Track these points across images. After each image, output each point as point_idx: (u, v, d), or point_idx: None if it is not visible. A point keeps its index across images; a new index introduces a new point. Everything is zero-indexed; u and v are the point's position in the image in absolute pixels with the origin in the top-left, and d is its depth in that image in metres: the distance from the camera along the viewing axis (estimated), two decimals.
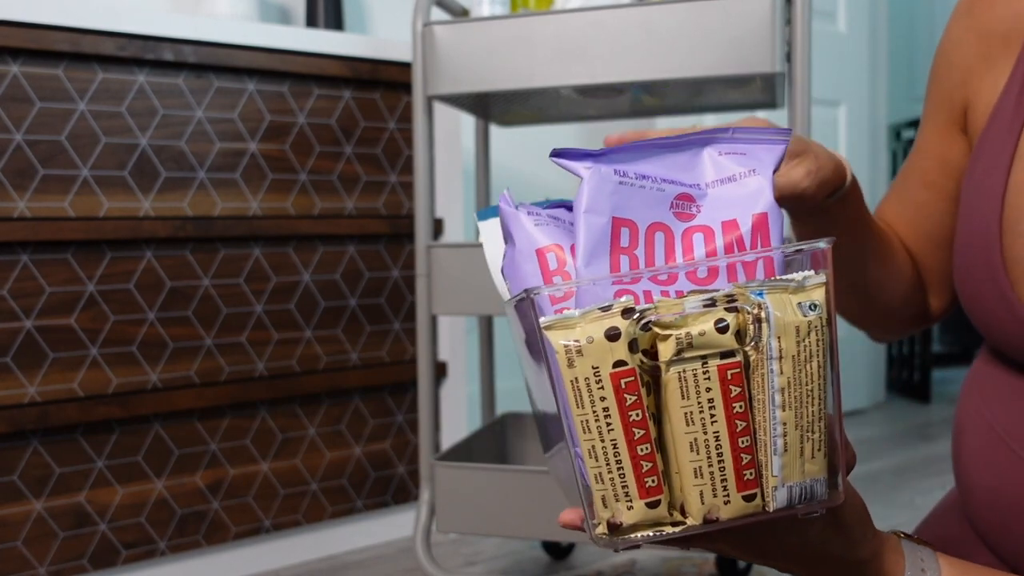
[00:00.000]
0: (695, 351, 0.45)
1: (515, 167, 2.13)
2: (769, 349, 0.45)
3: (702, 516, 0.47)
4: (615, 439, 0.45)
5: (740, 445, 0.46)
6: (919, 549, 0.58)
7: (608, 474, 0.46)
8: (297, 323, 1.52)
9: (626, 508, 0.46)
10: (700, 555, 1.51)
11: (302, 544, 1.57)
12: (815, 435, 0.47)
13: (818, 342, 0.46)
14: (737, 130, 0.56)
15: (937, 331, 3.56)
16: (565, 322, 0.45)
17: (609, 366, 0.45)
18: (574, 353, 0.45)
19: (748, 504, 0.46)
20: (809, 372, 0.46)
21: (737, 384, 0.45)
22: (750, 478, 0.46)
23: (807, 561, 0.55)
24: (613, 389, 0.45)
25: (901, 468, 2.16)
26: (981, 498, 0.66)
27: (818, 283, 0.47)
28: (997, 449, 0.63)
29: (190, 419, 1.43)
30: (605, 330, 0.45)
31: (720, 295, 0.46)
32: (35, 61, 1.28)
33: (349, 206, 1.57)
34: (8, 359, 1.27)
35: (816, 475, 0.47)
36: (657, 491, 0.46)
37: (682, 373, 0.45)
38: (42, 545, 1.31)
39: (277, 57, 1.46)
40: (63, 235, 1.29)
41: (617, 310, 0.45)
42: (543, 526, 1.15)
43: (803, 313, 0.46)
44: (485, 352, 1.57)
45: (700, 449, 0.46)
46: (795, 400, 0.46)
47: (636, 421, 0.45)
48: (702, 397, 0.45)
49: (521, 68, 1.15)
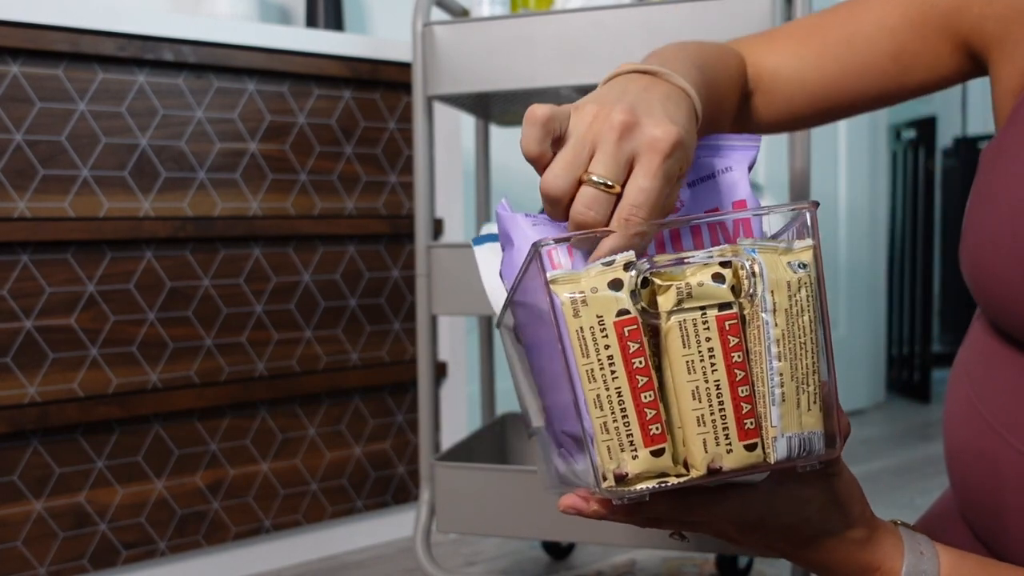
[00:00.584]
0: (694, 301, 0.47)
1: (515, 167, 2.13)
2: (764, 302, 0.47)
3: (706, 465, 0.48)
4: (619, 387, 0.47)
5: (740, 394, 0.48)
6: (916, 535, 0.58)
7: (614, 422, 0.47)
8: (297, 323, 1.53)
9: (631, 457, 0.48)
10: (700, 555, 1.51)
11: (302, 544, 1.57)
12: (810, 387, 0.49)
13: (808, 298, 0.48)
14: (711, 137, 0.61)
15: (937, 331, 3.56)
16: (570, 276, 0.48)
17: (613, 315, 0.47)
18: (579, 304, 0.47)
19: (750, 454, 0.48)
20: (801, 325, 0.48)
21: (735, 335, 0.47)
22: (751, 427, 0.48)
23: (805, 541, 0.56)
24: (617, 337, 0.47)
25: (901, 468, 2.16)
26: (973, 492, 0.66)
27: (805, 246, 0.49)
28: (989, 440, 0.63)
29: (190, 419, 1.43)
30: (608, 281, 0.47)
31: (716, 251, 0.48)
32: (35, 61, 1.28)
33: (349, 206, 1.57)
34: (8, 359, 1.27)
35: (813, 428, 0.49)
36: (661, 439, 0.48)
37: (683, 322, 0.47)
38: (42, 545, 1.31)
39: (277, 57, 1.46)
40: (63, 235, 1.29)
41: (620, 263, 0.47)
42: (543, 526, 1.15)
43: (793, 270, 0.48)
44: (485, 352, 1.57)
45: (702, 397, 0.47)
46: (790, 352, 0.48)
47: (639, 368, 0.47)
48: (702, 346, 0.47)
49: (521, 68, 1.15)
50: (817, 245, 0.49)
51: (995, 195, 0.62)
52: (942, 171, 3.36)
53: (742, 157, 0.61)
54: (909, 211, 3.02)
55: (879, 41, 0.70)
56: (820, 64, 0.72)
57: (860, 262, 2.80)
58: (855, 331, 2.81)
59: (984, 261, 0.62)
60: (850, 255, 2.77)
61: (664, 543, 1.11)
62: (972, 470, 0.66)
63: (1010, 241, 0.59)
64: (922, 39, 0.68)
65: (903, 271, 3.05)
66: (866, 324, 2.84)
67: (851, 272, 2.78)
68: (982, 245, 0.62)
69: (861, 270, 2.81)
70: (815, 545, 0.56)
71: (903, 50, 0.69)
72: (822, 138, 2.67)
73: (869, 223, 2.82)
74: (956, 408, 0.68)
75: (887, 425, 2.65)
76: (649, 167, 0.51)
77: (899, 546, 0.57)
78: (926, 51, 0.69)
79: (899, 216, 3.09)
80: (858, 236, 2.79)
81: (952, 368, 0.71)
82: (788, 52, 0.74)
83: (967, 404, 0.66)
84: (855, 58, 0.71)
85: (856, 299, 2.80)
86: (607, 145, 0.51)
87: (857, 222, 2.78)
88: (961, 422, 0.67)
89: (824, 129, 2.68)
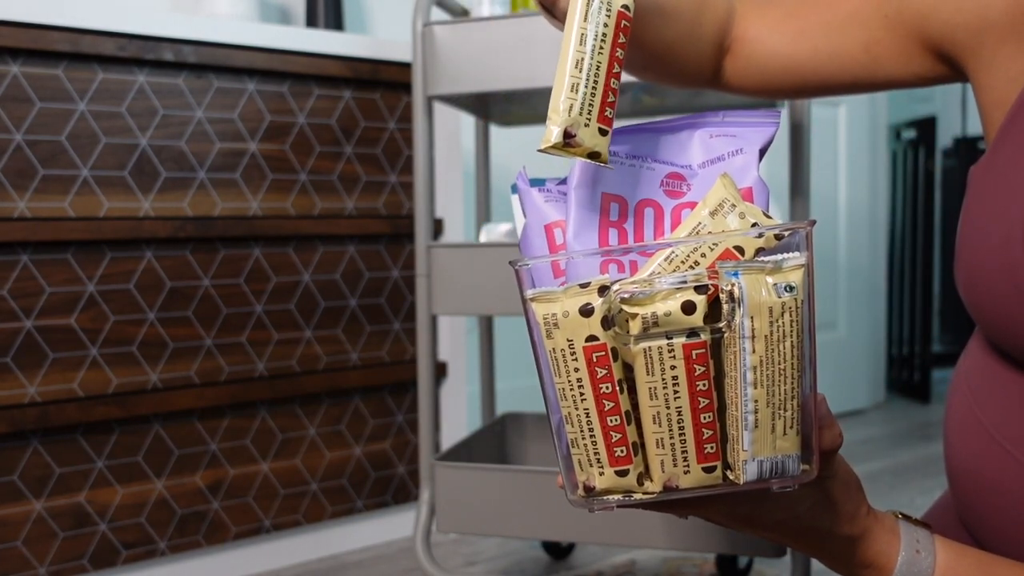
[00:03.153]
0: (660, 328, 0.47)
1: (515, 167, 2.13)
2: (742, 328, 0.47)
3: (662, 484, 0.49)
4: (587, 408, 0.48)
5: (702, 420, 0.48)
6: (916, 530, 0.58)
7: (583, 440, 0.49)
8: (297, 323, 1.53)
9: (598, 474, 0.49)
10: (700, 555, 1.51)
11: (302, 544, 1.57)
12: (787, 413, 0.48)
13: (792, 323, 0.47)
14: (728, 114, 0.59)
15: (937, 331, 3.56)
16: (548, 295, 0.48)
17: (583, 340, 0.47)
18: (552, 326, 0.48)
19: (708, 475, 0.49)
20: (782, 352, 0.48)
21: (702, 363, 0.47)
22: (711, 451, 0.48)
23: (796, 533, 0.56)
24: (586, 362, 0.48)
25: (901, 468, 2.16)
26: (975, 501, 0.66)
27: (796, 264, 0.48)
28: (991, 450, 0.63)
29: (190, 419, 1.43)
30: (580, 306, 0.47)
31: (691, 275, 0.48)
32: (35, 61, 1.28)
33: (349, 206, 1.57)
34: (8, 359, 1.27)
35: (788, 451, 0.49)
36: (626, 461, 0.49)
37: (648, 350, 0.47)
38: (42, 545, 1.31)
39: (277, 57, 1.46)
40: (63, 235, 1.29)
41: (594, 287, 0.48)
42: (543, 526, 1.15)
43: (777, 294, 0.47)
44: (485, 352, 1.57)
45: (662, 422, 0.48)
46: (767, 379, 0.48)
47: (606, 393, 0.48)
48: (667, 374, 0.47)
49: (521, 68, 1.15)
50: (810, 264, 0.48)
51: (986, 219, 0.61)
52: (942, 171, 3.36)
53: (756, 136, 0.58)
54: (909, 211, 3.02)
55: (852, 29, 0.69)
56: (796, 41, 0.72)
57: (860, 262, 2.80)
58: (855, 331, 2.80)
59: (979, 285, 0.62)
60: (850, 255, 2.77)
61: (664, 543, 1.11)
62: (974, 480, 0.65)
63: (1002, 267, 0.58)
64: (892, 35, 0.68)
65: (903, 271, 3.05)
66: (866, 324, 2.84)
67: (851, 272, 2.78)
68: (976, 269, 0.62)
69: (861, 270, 2.81)
70: (805, 539, 0.57)
71: (874, 42, 0.69)
72: (822, 138, 2.67)
73: (869, 223, 2.82)
74: (957, 418, 0.68)
75: (887, 425, 2.65)
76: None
77: (895, 543, 0.57)
78: (897, 47, 0.68)
79: (899, 216, 3.09)
80: (858, 236, 2.79)
81: (953, 376, 0.71)
82: (772, 22, 0.73)
83: (969, 414, 0.66)
84: (828, 43, 0.70)
85: (856, 299, 2.80)
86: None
87: (857, 222, 2.78)
88: (963, 433, 0.67)
89: (824, 129, 2.68)
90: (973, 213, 0.63)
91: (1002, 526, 0.62)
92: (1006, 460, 0.61)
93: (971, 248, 0.62)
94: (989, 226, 0.60)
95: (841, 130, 2.74)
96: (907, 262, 3.02)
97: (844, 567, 0.58)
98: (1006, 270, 0.58)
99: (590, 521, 1.12)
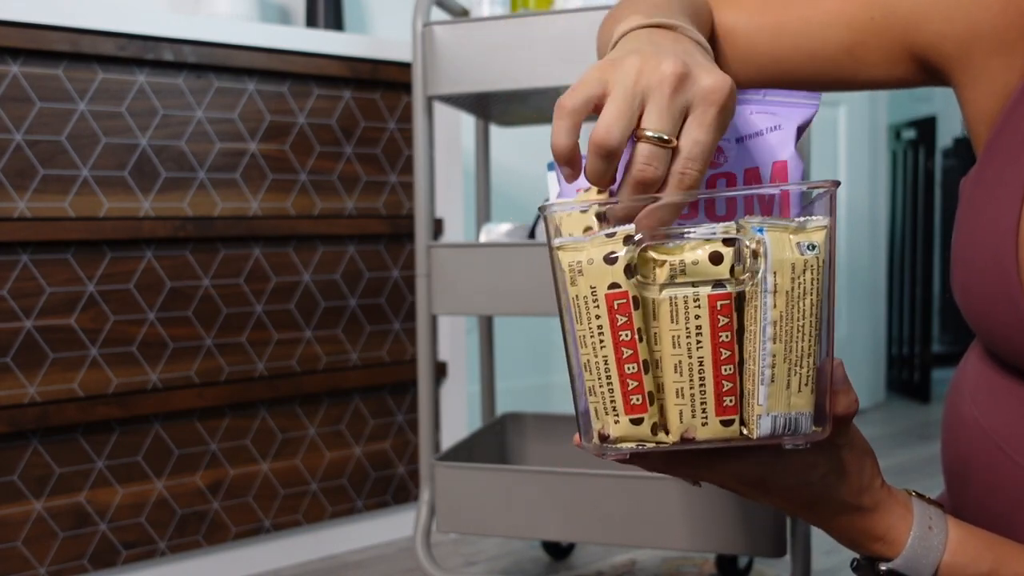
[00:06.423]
0: (687, 278, 0.48)
1: (515, 167, 2.13)
2: (764, 283, 0.48)
3: (679, 434, 0.50)
4: (606, 355, 0.49)
5: (723, 372, 0.49)
6: (929, 508, 0.58)
7: (599, 387, 0.49)
8: (297, 323, 1.53)
9: (613, 422, 0.50)
10: (700, 555, 1.51)
11: (302, 544, 1.57)
12: (803, 370, 0.49)
13: (813, 280, 0.48)
14: (769, 92, 0.60)
15: (937, 331, 3.56)
16: (575, 244, 0.49)
17: (605, 287, 0.48)
18: (576, 273, 0.49)
19: (725, 428, 0.49)
20: (802, 309, 0.48)
21: (726, 315, 0.48)
22: (730, 404, 0.49)
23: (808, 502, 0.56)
24: (607, 309, 0.48)
25: (901, 468, 2.16)
26: (974, 505, 0.66)
27: (819, 226, 0.49)
28: (989, 453, 0.63)
29: (190, 419, 1.43)
30: (604, 254, 0.48)
31: (720, 227, 0.49)
32: (35, 61, 1.28)
33: (349, 206, 1.57)
34: (8, 359, 1.27)
35: (802, 409, 0.50)
36: (642, 409, 0.49)
37: (673, 298, 0.48)
38: (42, 545, 1.31)
39: (277, 57, 1.46)
40: (63, 235, 1.29)
41: (620, 236, 0.48)
42: (543, 526, 1.15)
43: (800, 252, 0.48)
44: (485, 352, 1.57)
45: (684, 371, 0.49)
46: (785, 334, 0.48)
47: (625, 341, 0.48)
48: (691, 323, 0.48)
49: (521, 68, 1.15)
50: (832, 227, 0.49)
51: (978, 231, 0.61)
52: (942, 171, 3.36)
53: (795, 114, 0.60)
54: (909, 211, 3.02)
55: (835, 30, 0.68)
56: (774, 37, 0.70)
57: (860, 262, 2.80)
58: (855, 331, 2.81)
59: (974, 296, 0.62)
60: (850, 255, 2.77)
61: (664, 543, 1.11)
62: (971, 482, 0.65)
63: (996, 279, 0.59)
64: (878, 39, 0.67)
65: (903, 271, 3.05)
66: (866, 324, 2.84)
67: (851, 272, 2.78)
68: (971, 281, 0.62)
69: (861, 270, 2.81)
70: (816, 508, 0.56)
71: (859, 44, 0.68)
72: (822, 138, 2.67)
73: (869, 223, 2.82)
74: (956, 420, 0.68)
75: (887, 425, 2.65)
76: (704, 119, 0.49)
77: (907, 518, 0.57)
78: (881, 51, 0.67)
79: (899, 216, 3.09)
80: (858, 236, 2.79)
81: (953, 378, 0.71)
82: (747, 16, 0.72)
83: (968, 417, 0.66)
84: (809, 41, 0.69)
85: (856, 299, 2.80)
86: (661, 98, 0.49)
87: (857, 222, 2.78)
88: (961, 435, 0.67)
89: (824, 129, 2.68)
90: (965, 225, 0.63)
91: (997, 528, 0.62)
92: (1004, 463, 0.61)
93: (965, 260, 0.63)
94: (981, 238, 0.61)
95: (841, 130, 2.74)
96: (907, 262, 3.02)
97: (854, 540, 0.58)
98: (999, 282, 0.58)
99: (590, 521, 1.12)
